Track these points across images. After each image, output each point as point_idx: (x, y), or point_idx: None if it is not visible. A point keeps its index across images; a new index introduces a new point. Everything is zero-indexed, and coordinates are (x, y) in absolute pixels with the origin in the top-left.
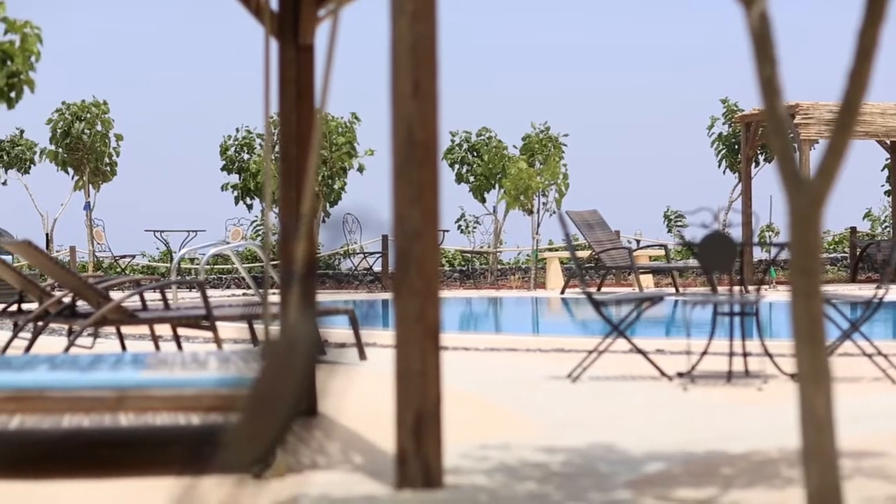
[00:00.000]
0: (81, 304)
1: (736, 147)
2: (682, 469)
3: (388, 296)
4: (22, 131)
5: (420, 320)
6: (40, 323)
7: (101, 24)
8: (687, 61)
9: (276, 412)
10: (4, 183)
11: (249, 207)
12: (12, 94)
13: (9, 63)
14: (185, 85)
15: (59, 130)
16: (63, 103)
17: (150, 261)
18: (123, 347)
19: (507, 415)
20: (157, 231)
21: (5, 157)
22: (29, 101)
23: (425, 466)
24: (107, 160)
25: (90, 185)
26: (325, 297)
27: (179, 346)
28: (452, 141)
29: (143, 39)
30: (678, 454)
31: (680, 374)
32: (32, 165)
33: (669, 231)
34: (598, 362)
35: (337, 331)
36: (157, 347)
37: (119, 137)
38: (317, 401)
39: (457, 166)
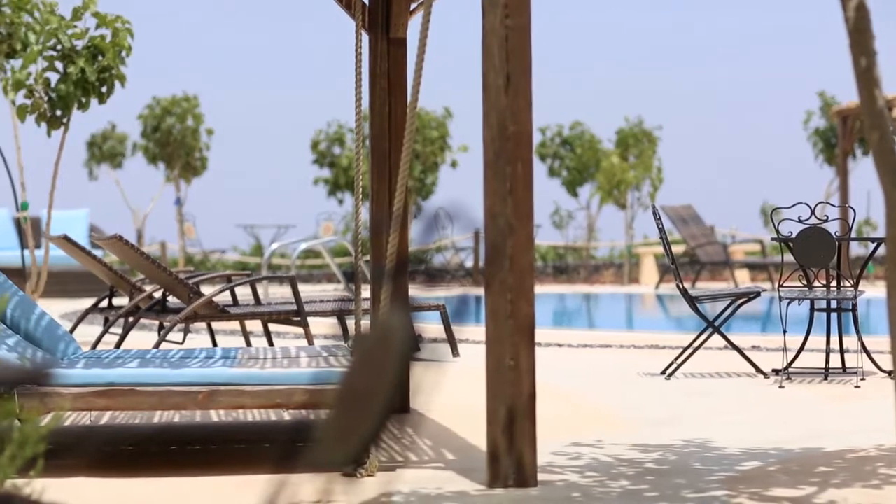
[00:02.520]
0: (172, 300)
1: (833, 141)
2: (777, 467)
3: (480, 291)
4: (114, 126)
5: (513, 316)
6: (131, 318)
7: (193, 17)
8: (784, 54)
9: (370, 411)
10: (96, 178)
11: (340, 202)
12: (104, 89)
13: (100, 58)
14: (276, 79)
15: (149, 125)
16: (154, 98)
17: (240, 255)
18: (214, 343)
19: (600, 412)
20: (248, 226)
21: (97, 152)
22: (120, 95)
23: (518, 464)
24: (197, 154)
25: (181, 180)
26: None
27: (270, 342)
28: (545, 135)
29: (234, 33)
30: (774, 452)
31: (776, 371)
32: (123, 160)
33: (766, 226)
34: (693, 359)
35: (429, 327)
36: (248, 343)
37: (210, 132)
38: (409, 397)
39: (549, 160)
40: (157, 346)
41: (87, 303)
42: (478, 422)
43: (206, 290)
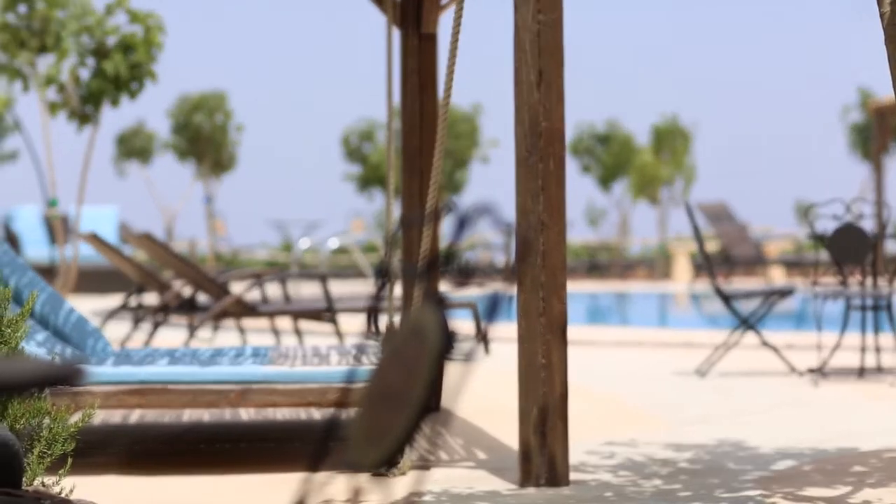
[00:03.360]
0: (201, 298)
1: (869, 136)
2: (812, 467)
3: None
4: (142, 124)
5: (545, 314)
6: (160, 316)
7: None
8: (820, 48)
9: (403, 411)
10: (125, 175)
11: (371, 198)
12: (134, 85)
13: (131, 54)
14: (306, 75)
15: (179, 121)
16: (183, 94)
17: (270, 252)
18: (244, 341)
19: (633, 410)
20: (278, 222)
21: (126, 149)
22: (150, 91)
23: (550, 463)
24: (227, 151)
25: (211, 177)
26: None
27: (300, 340)
28: (577, 131)
29: (264, 29)
30: (808, 451)
31: (810, 370)
32: (153, 157)
33: (800, 222)
34: (727, 357)
35: (460, 325)
36: (278, 341)
37: (239, 128)
38: (440, 396)
39: (582, 157)
40: (186, 343)
41: (117, 300)
42: (508, 420)
43: (236, 287)
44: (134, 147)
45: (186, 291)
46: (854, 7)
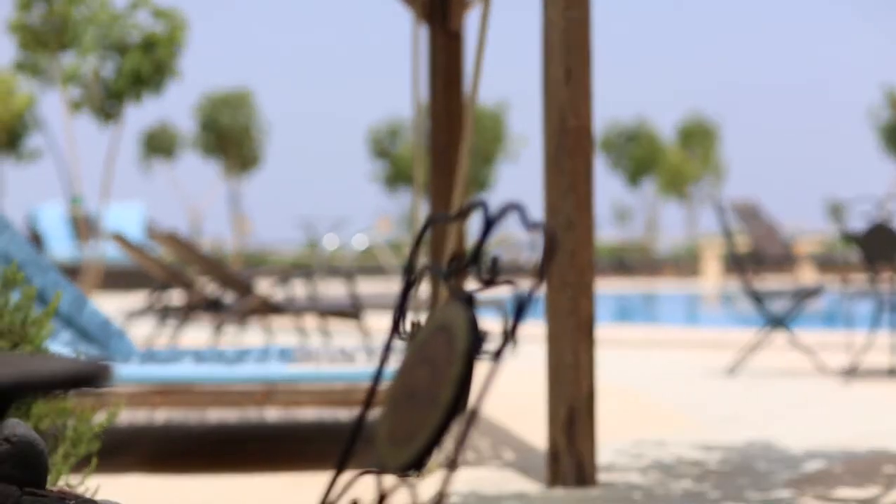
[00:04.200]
0: (226, 296)
1: None
2: (843, 468)
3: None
4: (169, 120)
5: (573, 313)
6: (185, 315)
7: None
8: (849, 45)
9: (431, 411)
10: (150, 172)
11: (397, 196)
12: (159, 82)
13: (155, 51)
14: (332, 72)
15: (204, 119)
16: (209, 91)
17: (296, 250)
18: (270, 340)
19: (662, 410)
20: (304, 220)
21: (152, 146)
22: (176, 88)
23: (578, 463)
24: (252, 148)
25: (236, 174)
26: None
27: (326, 339)
28: (605, 128)
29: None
30: (839, 452)
31: (841, 370)
32: (178, 154)
33: (830, 220)
34: (757, 356)
35: (487, 324)
36: (304, 340)
37: (264, 126)
38: (468, 396)
39: (610, 155)
40: (211, 343)
41: (142, 297)
42: (536, 420)
43: (261, 286)
44: (159, 144)
45: (212, 290)
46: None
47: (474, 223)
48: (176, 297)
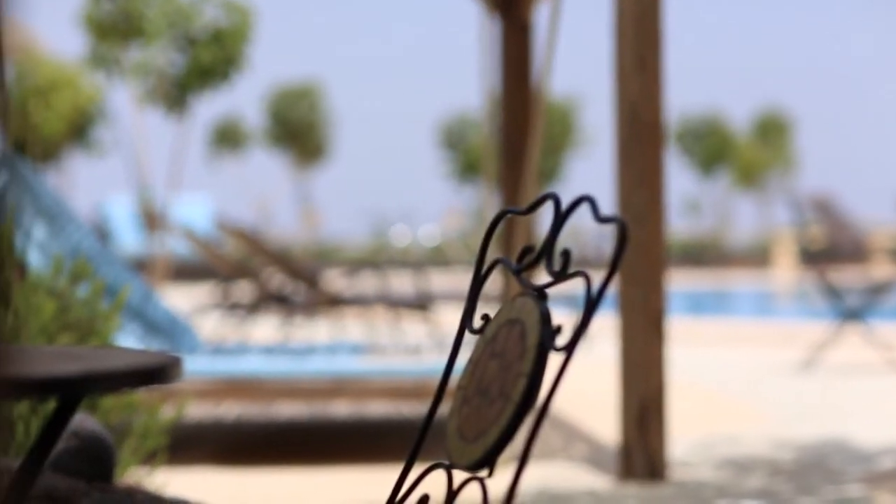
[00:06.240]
0: (294, 290)
1: None
2: None
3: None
4: (238, 112)
5: (644, 308)
6: (253, 309)
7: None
8: None
9: (502, 406)
10: (219, 164)
11: (467, 189)
12: (227, 74)
13: (224, 43)
14: (402, 64)
15: (275, 111)
16: (279, 84)
17: (365, 243)
18: (338, 334)
19: (734, 406)
20: (374, 213)
21: (221, 139)
22: (245, 81)
23: (649, 458)
24: (322, 140)
25: (305, 167)
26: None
27: (396, 333)
28: (676, 119)
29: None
30: None
31: None
32: (247, 147)
33: None
34: (832, 351)
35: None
36: (373, 334)
37: (333, 118)
38: (539, 390)
39: (680, 145)
40: (279, 337)
41: (210, 289)
42: (606, 415)
43: (330, 279)
44: (227, 137)
45: (278, 283)
46: None
47: (543, 215)
48: (242, 290)
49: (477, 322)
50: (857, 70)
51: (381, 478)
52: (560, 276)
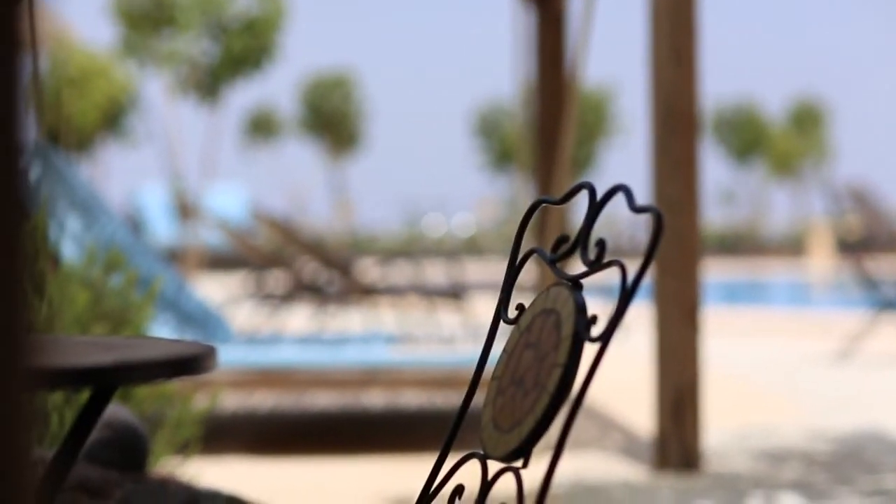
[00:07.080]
0: (327, 280)
1: None
2: None
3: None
4: (271, 101)
5: (679, 298)
6: (286, 299)
7: None
8: None
9: (537, 397)
10: (253, 153)
11: (500, 178)
12: (260, 63)
13: (256, 32)
14: (436, 54)
15: (308, 99)
16: (312, 73)
17: (399, 232)
18: (371, 323)
19: (769, 396)
20: (407, 202)
21: (254, 128)
22: (279, 70)
23: (684, 449)
24: (356, 130)
25: (339, 156)
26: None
27: (430, 322)
28: (711, 108)
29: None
30: None
31: None
32: (280, 136)
33: None
34: (868, 341)
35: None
36: (407, 323)
37: (367, 107)
38: (574, 381)
39: (718, 135)
40: (313, 326)
41: (240, 280)
42: (637, 405)
43: (363, 268)
44: (262, 126)
45: (311, 272)
46: None
47: (577, 205)
48: (276, 280)
49: (511, 312)
50: (893, 59)
51: (415, 468)
52: (595, 265)
